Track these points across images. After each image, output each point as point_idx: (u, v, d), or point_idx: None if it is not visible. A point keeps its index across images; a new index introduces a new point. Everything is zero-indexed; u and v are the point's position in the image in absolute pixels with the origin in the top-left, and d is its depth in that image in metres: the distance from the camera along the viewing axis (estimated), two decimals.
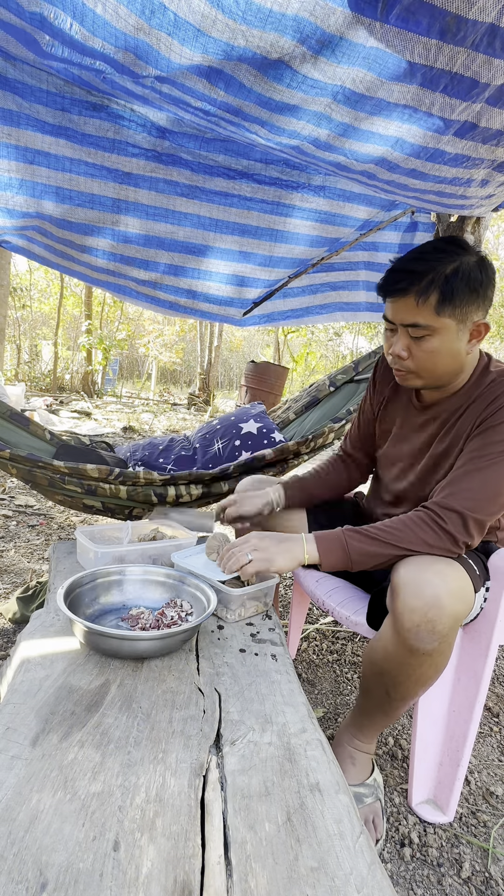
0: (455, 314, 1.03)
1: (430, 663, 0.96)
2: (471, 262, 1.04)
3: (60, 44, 0.92)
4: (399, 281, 1.05)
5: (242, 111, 1.03)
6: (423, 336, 1.06)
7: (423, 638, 0.93)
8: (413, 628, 0.93)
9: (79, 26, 0.85)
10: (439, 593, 0.92)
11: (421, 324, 1.04)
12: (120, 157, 1.65)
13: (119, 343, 12.82)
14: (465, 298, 1.03)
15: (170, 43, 0.85)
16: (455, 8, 0.80)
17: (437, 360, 1.08)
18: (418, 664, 0.96)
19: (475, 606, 1.05)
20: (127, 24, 0.83)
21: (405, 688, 1.00)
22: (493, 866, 1.06)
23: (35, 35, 0.92)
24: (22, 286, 14.13)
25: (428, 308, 1.03)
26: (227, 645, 1.09)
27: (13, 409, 1.91)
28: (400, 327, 1.09)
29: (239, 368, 23.08)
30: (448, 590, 0.93)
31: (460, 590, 0.95)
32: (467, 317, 1.05)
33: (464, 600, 0.95)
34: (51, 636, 1.03)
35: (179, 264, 2.00)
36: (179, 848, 0.60)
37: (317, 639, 1.93)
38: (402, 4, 0.80)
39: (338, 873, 0.60)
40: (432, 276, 1.02)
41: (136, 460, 2.29)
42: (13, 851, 0.58)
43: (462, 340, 1.07)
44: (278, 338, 14.40)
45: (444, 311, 1.03)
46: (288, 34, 0.83)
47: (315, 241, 2.03)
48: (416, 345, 1.07)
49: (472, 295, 1.03)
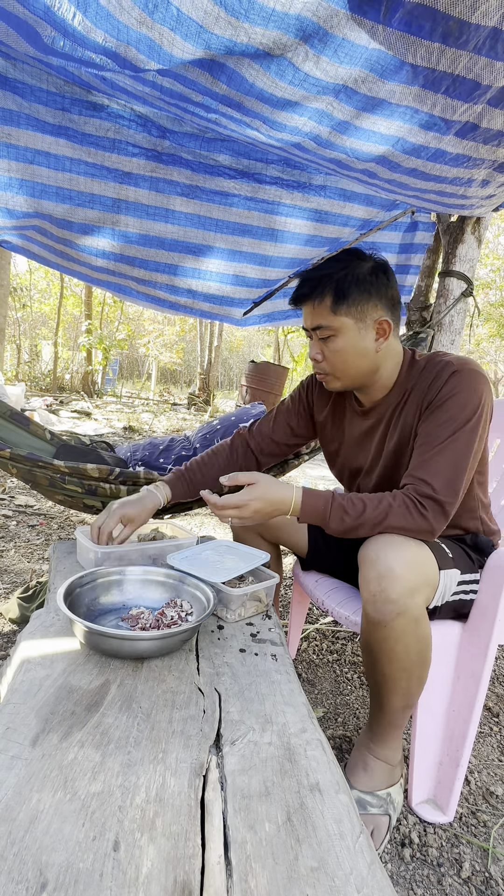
0: (351, 312, 1.12)
1: (396, 638, 0.99)
2: (363, 267, 1.14)
3: (62, 36, 0.91)
4: (300, 289, 1.18)
5: (244, 106, 1.03)
6: (329, 337, 1.15)
7: (379, 608, 0.98)
8: (370, 598, 0.99)
9: (81, 16, 0.85)
10: (391, 564, 0.98)
11: (322, 324, 1.14)
12: (120, 156, 1.65)
13: (119, 343, 12.82)
14: (358, 298, 1.12)
15: (172, 38, 0.85)
16: (458, 12, 0.80)
17: (347, 358, 1.16)
18: (384, 638, 1.00)
19: (445, 586, 1.08)
20: (130, 17, 0.83)
21: (381, 666, 1.03)
22: (493, 866, 1.06)
23: (37, 27, 0.91)
24: (22, 286, 14.13)
25: (324, 309, 1.13)
26: (227, 645, 1.09)
27: (13, 409, 1.91)
28: (312, 333, 1.18)
29: (239, 368, 23.08)
30: (401, 561, 0.98)
31: (415, 562, 1.00)
32: (365, 315, 1.13)
33: (421, 573, 1.00)
34: (51, 636, 1.03)
35: (180, 264, 2.00)
36: (179, 848, 0.60)
37: (317, 639, 1.93)
38: (405, 8, 0.80)
39: (338, 873, 0.60)
40: (325, 282, 1.13)
41: (136, 460, 2.29)
42: (13, 851, 0.58)
43: (367, 339, 1.15)
44: (278, 338, 14.41)
45: (340, 310, 1.12)
46: (291, 32, 0.83)
47: (315, 240, 2.03)
48: (326, 346, 1.17)
49: (365, 294, 1.12)
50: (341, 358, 1.16)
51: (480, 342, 14.66)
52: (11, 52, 1.25)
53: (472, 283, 2.06)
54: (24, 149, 1.56)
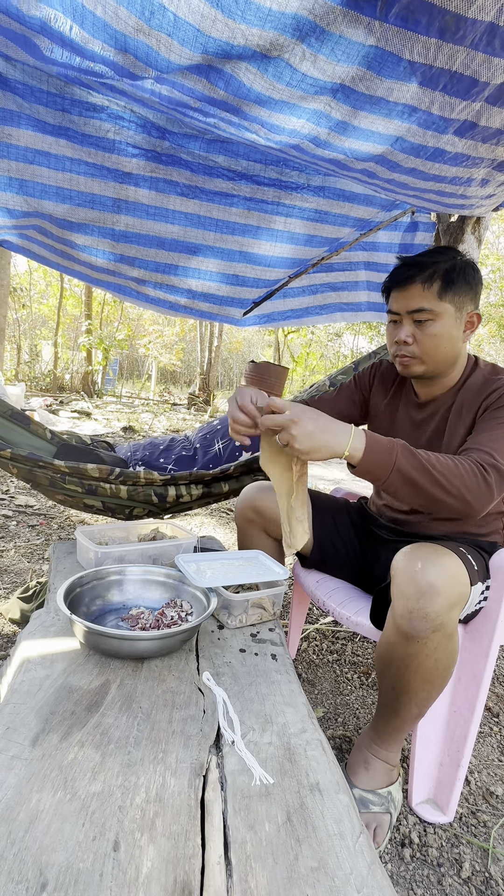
0: (454, 301, 1.19)
1: (427, 654, 0.97)
2: (465, 261, 1.22)
3: (60, 47, 0.91)
4: (407, 272, 1.21)
5: (242, 110, 1.03)
6: (427, 321, 1.20)
7: (416, 625, 0.95)
8: (406, 615, 0.95)
9: (78, 29, 0.85)
10: (432, 580, 0.94)
11: (426, 307, 1.18)
12: (120, 157, 1.65)
13: (119, 343, 12.83)
14: (462, 289, 1.19)
15: (169, 43, 0.85)
16: (454, 7, 0.80)
17: (439, 343, 1.20)
18: (415, 653, 0.97)
19: (471, 600, 1.05)
20: (126, 26, 0.83)
21: (406, 680, 1.00)
22: (493, 866, 1.06)
23: (35, 39, 0.92)
24: (22, 286, 14.14)
25: (432, 293, 1.18)
26: (227, 645, 1.09)
27: (14, 409, 1.91)
28: (405, 316, 1.22)
29: (239, 368, 23.10)
30: (441, 577, 0.95)
31: (454, 578, 0.97)
32: (463, 306, 1.21)
33: (458, 590, 0.97)
34: (51, 636, 1.03)
35: (179, 264, 2.00)
36: (179, 848, 0.60)
37: (317, 639, 1.92)
38: (402, 3, 0.79)
39: (338, 873, 0.60)
40: (434, 268, 1.19)
41: (136, 460, 2.29)
42: (13, 851, 0.58)
43: (459, 328, 1.22)
44: (278, 338, 14.41)
45: (446, 297, 1.18)
46: (287, 32, 0.83)
47: (315, 241, 2.03)
48: (420, 330, 1.21)
49: (467, 287, 1.20)
50: (434, 343, 1.20)
51: (481, 342, 14.66)
52: (11, 55, 1.25)
53: None
54: (24, 149, 1.56)
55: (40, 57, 0.98)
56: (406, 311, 1.21)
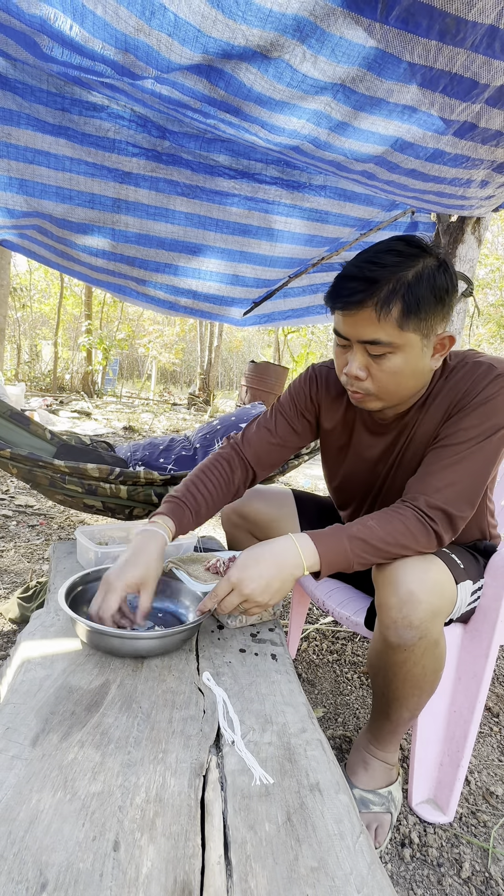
0: (420, 328, 0.91)
1: (415, 661, 0.96)
2: (433, 266, 0.91)
3: (60, 45, 0.92)
4: (355, 291, 0.90)
5: (242, 110, 1.03)
6: (384, 354, 0.92)
7: (400, 633, 0.93)
8: (391, 624, 0.94)
9: (79, 28, 0.85)
10: (413, 589, 0.92)
11: (382, 340, 0.91)
12: (120, 156, 1.65)
13: (119, 343, 12.83)
14: (431, 309, 0.90)
15: (170, 43, 0.85)
16: (455, 9, 0.80)
17: (401, 380, 0.95)
18: (402, 660, 0.97)
19: (461, 600, 1.04)
20: (127, 26, 0.83)
21: (395, 686, 1.01)
22: (493, 866, 1.06)
23: (35, 38, 0.92)
24: (22, 286, 14.14)
25: (390, 322, 0.89)
26: (227, 645, 1.09)
27: (14, 409, 1.91)
28: (356, 344, 0.94)
29: (239, 368, 23.09)
30: (423, 585, 0.93)
31: (437, 584, 0.95)
32: (432, 330, 0.93)
33: (441, 595, 0.95)
34: (51, 636, 1.03)
35: (179, 264, 2.00)
36: (179, 848, 0.60)
37: (317, 639, 1.93)
38: (402, 6, 0.80)
39: (338, 873, 0.60)
40: (393, 283, 0.88)
41: (136, 460, 2.29)
42: (13, 851, 0.58)
43: (426, 357, 0.95)
44: (278, 338, 14.40)
45: (409, 325, 0.89)
46: (288, 33, 0.83)
47: (315, 240, 2.03)
48: (376, 364, 0.94)
49: (438, 305, 0.91)
50: (395, 379, 0.95)
51: (480, 342, 14.66)
52: (11, 53, 1.25)
53: (472, 283, 2.06)
54: (24, 148, 1.56)
55: (40, 55, 0.98)
56: (356, 339, 0.93)
